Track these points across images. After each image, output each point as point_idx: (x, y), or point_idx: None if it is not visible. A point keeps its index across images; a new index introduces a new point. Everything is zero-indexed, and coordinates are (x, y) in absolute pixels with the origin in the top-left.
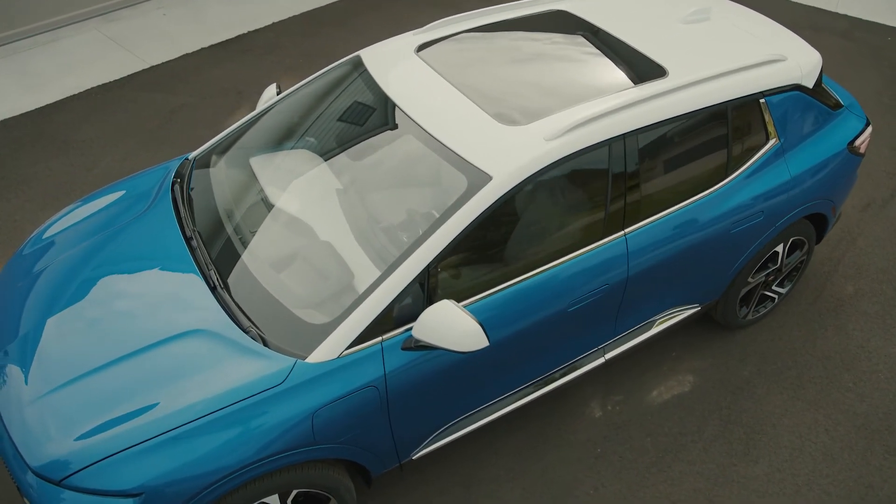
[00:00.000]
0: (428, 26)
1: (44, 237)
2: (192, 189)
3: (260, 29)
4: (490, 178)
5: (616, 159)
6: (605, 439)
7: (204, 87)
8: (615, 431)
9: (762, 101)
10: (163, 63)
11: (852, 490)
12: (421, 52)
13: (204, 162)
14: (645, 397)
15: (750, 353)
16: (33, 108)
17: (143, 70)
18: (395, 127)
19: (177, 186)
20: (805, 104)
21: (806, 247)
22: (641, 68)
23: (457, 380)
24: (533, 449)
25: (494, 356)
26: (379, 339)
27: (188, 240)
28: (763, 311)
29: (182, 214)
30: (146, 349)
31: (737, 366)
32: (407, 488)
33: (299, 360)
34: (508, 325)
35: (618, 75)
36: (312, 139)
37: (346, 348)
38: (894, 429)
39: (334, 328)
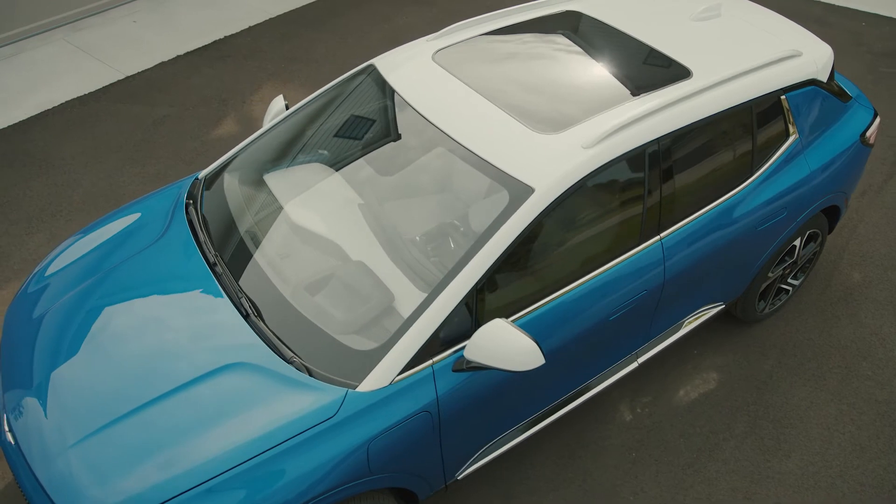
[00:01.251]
0: (441, 31)
1: (49, 272)
2: (208, 211)
3: (236, 34)
4: (532, 190)
5: (652, 164)
6: (639, 443)
7: (184, 96)
8: (647, 434)
9: (783, 97)
10: (139, 73)
11: (884, 479)
12: (439, 59)
13: (216, 181)
14: (672, 398)
15: (769, 347)
16: (5, 125)
17: (119, 81)
18: (423, 139)
19: (191, 209)
20: (821, 98)
21: (819, 238)
22: (665, 69)
23: (505, 396)
24: (569, 458)
25: (542, 369)
26: (429, 362)
27: (211, 266)
28: (778, 304)
29: (201, 239)
30: (182, 388)
31: (758, 360)
32: None
33: (350, 390)
34: (554, 337)
35: (643, 77)
36: (332, 154)
37: (398, 374)
38: None
39: (384, 354)
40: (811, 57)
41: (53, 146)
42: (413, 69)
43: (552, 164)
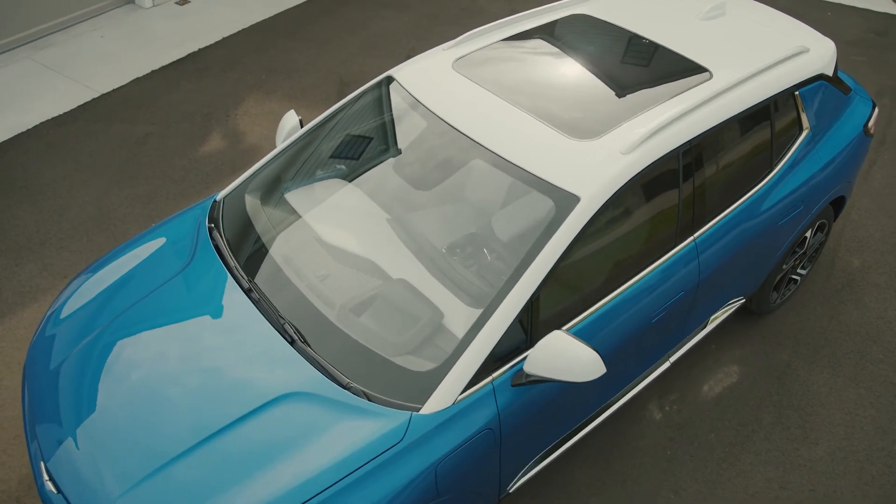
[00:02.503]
0: (457, 40)
1: (69, 309)
2: (234, 235)
3: (210, 45)
4: (578, 198)
5: (685, 165)
6: (672, 441)
7: (166, 112)
8: (679, 432)
9: (797, 93)
10: (114, 90)
11: None
12: (459, 68)
13: (238, 203)
14: (698, 393)
15: (783, 337)
16: None
17: (94, 99)
18: (457, 151)
19: (215, 233)
20: (829, 93)
21: (826, 228)
22: (686, 71)
23: (558, 406)
24: (605, 461)
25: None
26: (489, 378)
27: (246, 292)
28: (788, 295)
29: (231, 265)
30: (234, 425)
31: (775, 350)
32: None
33: (414, 413)
34: (604, 344)
35: (665, 79)
36: (358, 171)
37: (460, 394)
38: None
39: (444, 374)
40: (818, 52)
41: (34, 170)
42: (436, 79)
43: (594, 171)
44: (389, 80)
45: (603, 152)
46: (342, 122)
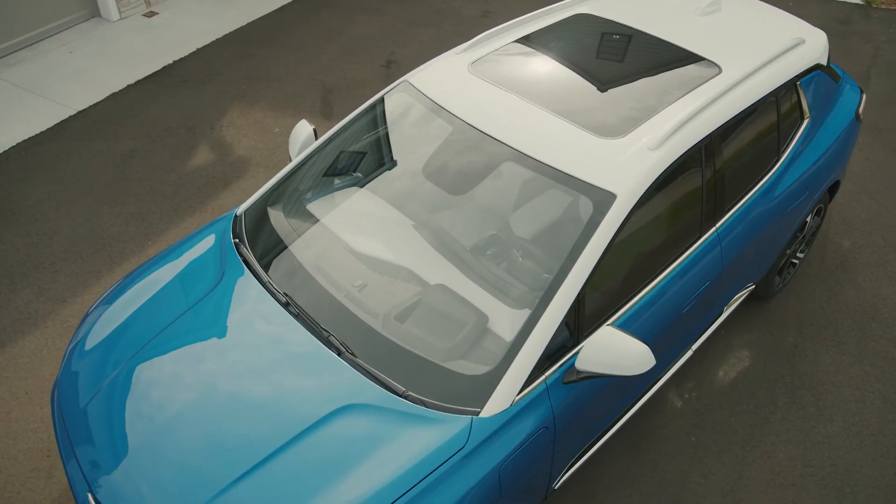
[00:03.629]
0: (468, 44)
1: (96, 337)
2: (262, 249)
3: (185, 57)
4: (614, 195)
5: (706, 158)
6: (695, 427)
7: (147, 127)
8: (701, 418)
9: (798, 83)
10: (91, 106)
11: None
12: (476, 72)
13: (261, 217)
14: (714, 379)
15: (787, 320)
16: None
17: (72, 117)
18: (486, 155)
19: (242, 249)
20: (824, 82)
21: (823, 211)
22: (695, 66)
23: (604, 400)
24: (634, 451)
25: None
26: (542, 378)
27: (285, 306)
28: (788, 278)
29: (265, 280)
30: (294, 442)
31: (781, 333)
32: None
33: (474, 417)
34: (643, 337)
35: (679, 75)
36: (384, 178)
37: (517, 395)
38: None
39: (500, 376)
40: (813, 43)
41: (17, 193)
42: (456, 83)
43: (626, 168)
44: (407, 85)
45: (632, 149)
46: (361, 130)
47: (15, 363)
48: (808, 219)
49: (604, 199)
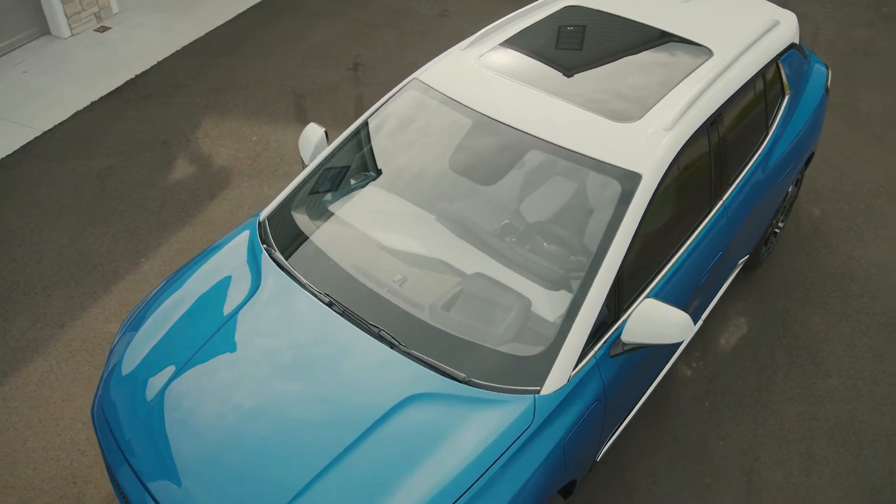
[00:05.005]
0: (470, 39)
1: (135, 355)
2: (294, 253)
3: (147, 71)
4: (640, 175)
5: (711, 136)
6: (707, 393)
7: (120, 143)
8: (710, 384)
9: (779, 61)
10: (56, 126)
11: None
12: (486, 65)
13: (286, 221)
14: (717, 347)
15: (774, 286)
16: None
17: (38, 138)
18: (510, 145)
19: (275, 254)
20: (798, 59)
21: (799, 182)
22: (688, 50)
23: (643, 371)
24: (654, 420)
25: None
26: (590, 354)
27: (329, 306)
28: (771, 248)
29: (304, 282)
30: (365, 436)
31: (771, 299)
32: None
33: (536, 395)
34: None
35: (676, 59)
36: (406, 174)
37: (572, 371)
38: None
39: (555, 355)
40: (786, 24)
41: None
42: (468, 78)
43: (647, 148)
44: (418, 82)
45: (649, 131)
46: (377, 130)
47: (22, 392)
48: (790, 189)
49: (631, 180)
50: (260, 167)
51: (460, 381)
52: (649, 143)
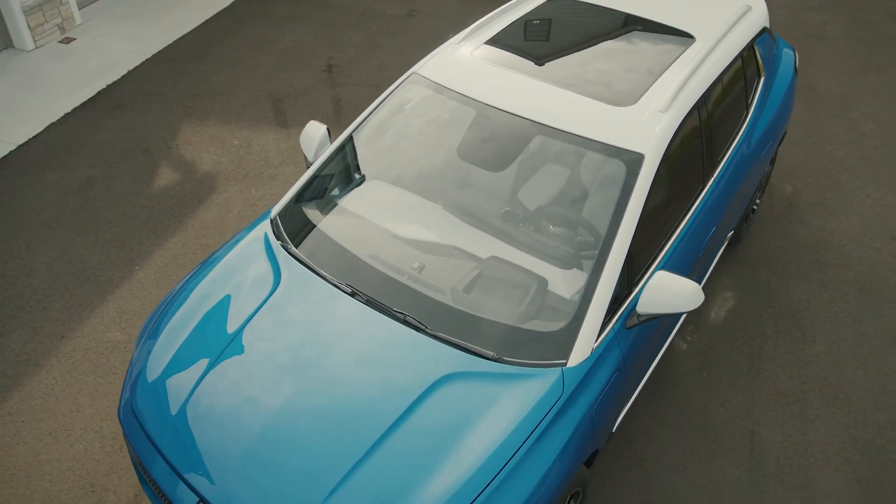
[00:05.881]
0: (464, 33)
1: (161, 357)
2: (311, 247)
3: (118, 80)
4: (643, 155)
5: (701, 116)
6: (703, 364)
7: (100, 154)
8: (705, 356)
9: (755, 44)
10: (32, 139)
11: (885, 337)
12: (483, 57)
13: (298, 217)
14: (708, 320)
15: (756, 260)
16: None
17: (13, 152)
18: (516, 132)
19: (291, 249)
20: (770, 42)
21: (774, 160)
22: (672, 36)
23: (653, 342)
24: (657, 392)
25: None
26: (609, 326)
27: (352, 296)
28: (751, 223)
29: (324, 274)
30: (404, 418)
31: (753, 273)
32: None
33: (564, 368)
34: None
35: (662, 45)
36: (418, 164)
37: (594, 343)
38: (880, 283)
39: (578, 328)
40: (758, 9)
41: None
42: (467, 70)
43: (646, 129)
44: (418, 77)
45: (646, 113)
46: (381, 124)
47: (28, 406)
48: (768, 166)
49: (634, 160)
50: (245, 171)
51: (490, 360)
52: (648, 125)
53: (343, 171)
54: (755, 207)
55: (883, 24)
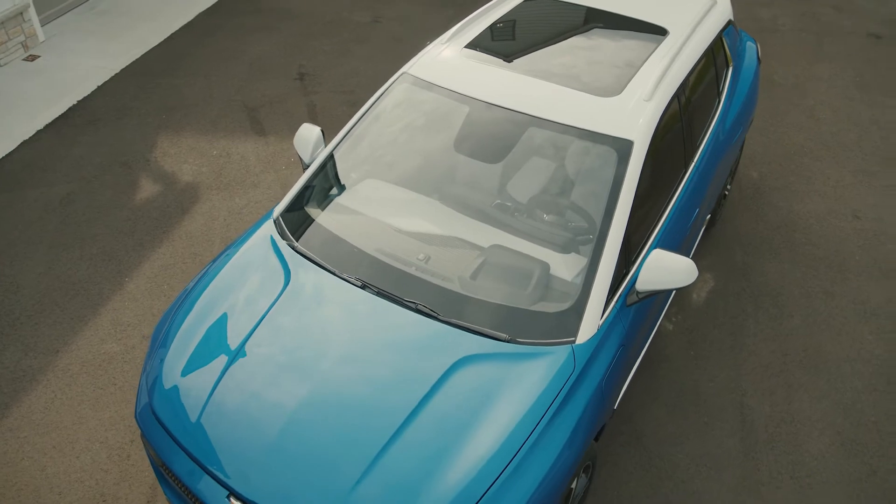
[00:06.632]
0: (449, 33)
1: (176, 360)
2: (317, 245)
3: (88, 96)
4: (632, 142)
5: (680, 103)
6: (690, 343)
7: (78, 169)
8: (691, 335)
9: (723, 36)
10: (5, 157)
11: (856, 308)
12: (469, 57)
13: (301, 216)
14: (691, 301)
15: (730, 243)
16: None
17: None
18: (509, 125)
19: (299, 247)
20: (734, 34)
21: (742, 146)
22: (647, 30)
23: (650, 318)
24: (647, 371)
25: None
26: (611, 304)
27: (363, 289)
28: (723, 208)
29: (334, 270)
30: (426, 401)
31: (729, 255)
32: None
33: (574, 344)
34: None
35: (638, 38)
36: (416, 159)
37: (600, 320)
38: (847, 258)
39: (584, 307)
40: (722, 3)
41: None
42: (456, 68)
43: (633, 118)
44: (410, 76)
45: (631, 103)
46: (376, 124)
47: (29, 421)
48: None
49: (624, 147)
50: (227, 180)
51: (503, 341)
52: (634, 113)
53: (342, 171)
54: (727, 193)
55: (830, 16)
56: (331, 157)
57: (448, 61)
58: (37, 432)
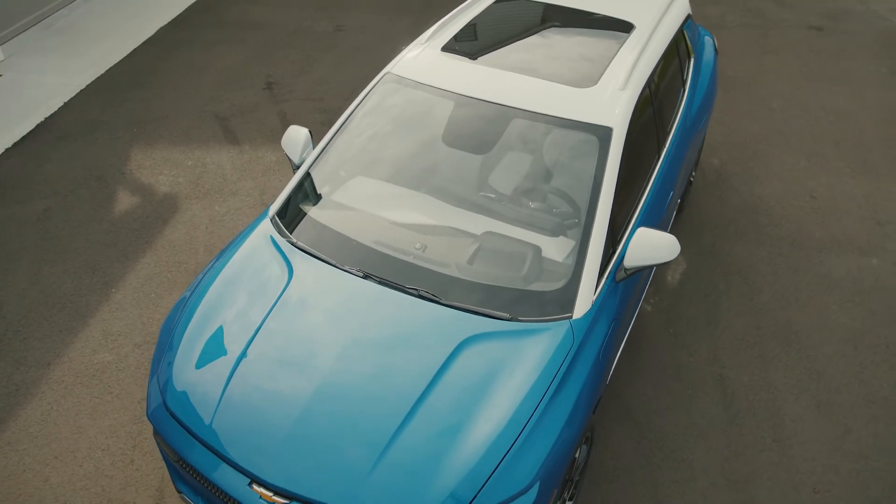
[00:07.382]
0: (427, 34)
1: (185, 360)
2: (316, 241)
3: (56, 112)
4: (611, 129)
5: (652, 91)
6: (668, 322)
7: (52, 185)
8: (668, 314)
9: (684, 29)
10: None
11: (820, 282)
12: (449, 55)
13: (297, 214)
14: (666, 283)
15: (698, 226)
16: None
17: None
18: (494, 118)
19: (299, 243)
20: (693, 27)
21: (705, 134)
22: (614, 25)
23: (636, 294)
24: (632, 351)
25: None
26: (602, 281)
27: (365, 279)
28: (689, 193)
29: (335, 263)
30: (436, 381)
31: (699, 237)
32: None
33: (572, 319)
34: None
35: (607, 32)
36: (407, 154)
37: (593, 296)
38: (808, 236)
39: (577, 284)
40: None
41: None
42: (438, 66)
43: (610, 106)
44: (393, 76)
45: (607, 92)
46: (364, 123)
47: (27, 434)
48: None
49: (605, 134)
50: (205, 189)
51: (505, 320)
52: (611, 102)
53: (333, 170)
54: (692, 179)
55: (772, 11)
56: (321, 156)
57: (428, 60)
58: (36, 444)
